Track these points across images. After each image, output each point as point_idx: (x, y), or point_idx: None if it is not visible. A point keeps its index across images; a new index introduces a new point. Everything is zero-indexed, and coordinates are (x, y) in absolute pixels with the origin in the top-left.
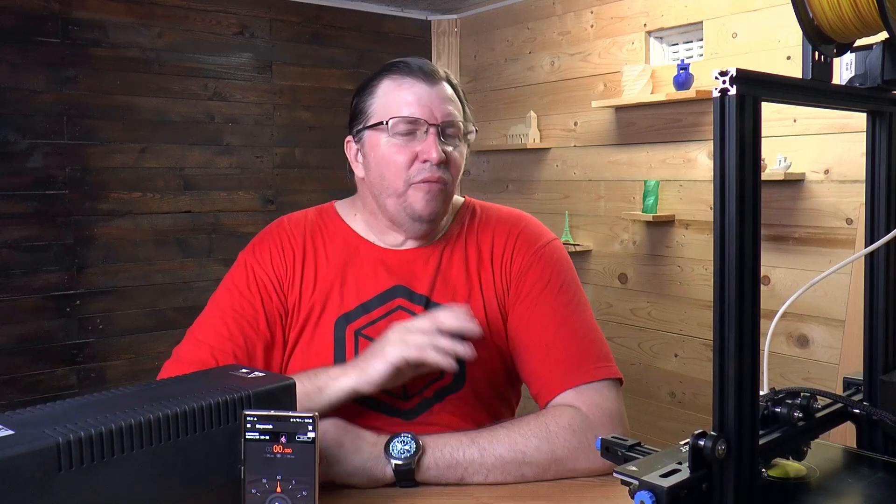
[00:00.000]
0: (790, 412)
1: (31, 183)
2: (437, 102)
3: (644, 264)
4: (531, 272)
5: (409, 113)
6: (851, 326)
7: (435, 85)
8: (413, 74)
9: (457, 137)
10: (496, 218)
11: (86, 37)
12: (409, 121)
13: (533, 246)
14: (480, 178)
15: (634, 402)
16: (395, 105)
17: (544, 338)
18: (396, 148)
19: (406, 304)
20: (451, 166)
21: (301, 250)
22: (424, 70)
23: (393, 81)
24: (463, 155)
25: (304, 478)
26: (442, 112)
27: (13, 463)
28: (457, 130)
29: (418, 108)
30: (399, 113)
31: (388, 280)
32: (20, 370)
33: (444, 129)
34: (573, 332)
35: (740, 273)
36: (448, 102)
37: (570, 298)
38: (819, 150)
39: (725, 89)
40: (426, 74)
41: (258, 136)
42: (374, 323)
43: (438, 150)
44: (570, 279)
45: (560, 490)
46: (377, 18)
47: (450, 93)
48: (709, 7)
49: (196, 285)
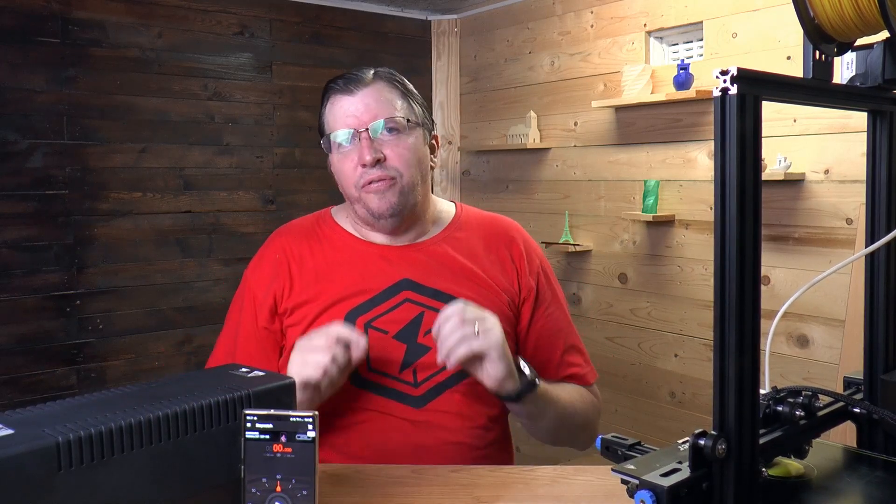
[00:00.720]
0: (792, 411)
1: (31, 183)
2: (362, 108)
3: (644, 264)
4: (546, 276)
5: (340, 127)
6: (851, 326)
7: (358, 92)
8: (340, 90)
9: (397, 131)
10: (492, 218)
11: (86, 37)
12: (341, 135)
13: (539, 251)
14: (480, 178)
15: (634, 402)
16: (332, 122)
17: (560, 339)
18: (342, 159)
19: (414, 297)
20: (393, 161)
21: (298, 257)
22: (350, 82)
23: (330, 101)
24: (411, 146)
25: (304, 477)
26: (368, 115)
27: (13, 462)
28: (396, 124)
29: (345, 120)
30: (335, 128)
31: (393, 274)
32: (20, 370)
33: (376, 129)
34: (578, 338)
35: (740, 273)
36: (375, 103)
37: (566, 306)
38: (819, 150)
39: (726, 88)
40: (351, 86)
41: (258, 136)
42: (384, 315)
43: (370, 151)
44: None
45: (560, 490)
46: (377, 18)
47: (383, 93)
48: (709, 7)
49: (196, 285)
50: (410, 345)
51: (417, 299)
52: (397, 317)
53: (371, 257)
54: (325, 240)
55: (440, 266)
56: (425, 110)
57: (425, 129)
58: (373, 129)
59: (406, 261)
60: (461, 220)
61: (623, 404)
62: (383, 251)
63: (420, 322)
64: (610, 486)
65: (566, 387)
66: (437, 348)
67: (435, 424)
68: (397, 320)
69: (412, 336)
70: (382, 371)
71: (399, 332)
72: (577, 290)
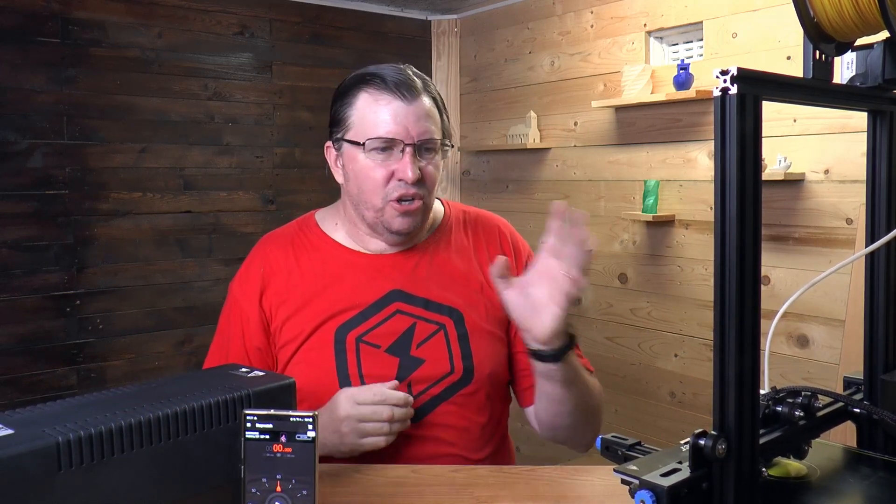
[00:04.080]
0: (791, 411)
1: (31, 183)
2: (413, 120)
3: (644, 264)
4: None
5: (386, 132)
6: (851, 326)
7: (412, 102)
8: (390, 91)
9: (433, 151)
10: (479, 215)
11: (86, 37)
12: (386, 140)
13: (527, 247)
14: (480, 178)
15: (634, 402)
16: (372, 122)
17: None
18: (373, 165)
19: (405, 308)
20: (426, 181)
21: (286, 270)
22: (402, 86)
23: (370, 96)
24: (439, 168)
25: (304, 477)
26: (418, 130)
27: (13, 463)
28: (434, 145)
29: (394, 128)
30: (376, 132)
31: (383, 285)
32: (20, 370)
33: (420, 147)
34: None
35: (740, 273)
36: (425, 119)
37: None
38: (819, 150)
39: (726, 88)
40: (404, 90)
41: (258, 136)
42: (375, 329)
43: (414, 169)
44: None
45: (560, 490)
46: (377, 18)
47: (427, 107)
48: (709, 7)
49: (196, 285)
50: (403, 358)
51: (408, 310)
52: (389, 329)
53: (360, 268)
54: (311, 250)
55: (431, 272)
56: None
57: (443, 153)
58: (420, 144)
59: (396, 269)
60: (450, 219)
61: (623, 404)
62: (372, 260)
63: (412, 334)
64: (610, 486)
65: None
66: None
67: (431, 438)
68: (389, 333)
69: (405, 349)
70: None
71: (391, 345)
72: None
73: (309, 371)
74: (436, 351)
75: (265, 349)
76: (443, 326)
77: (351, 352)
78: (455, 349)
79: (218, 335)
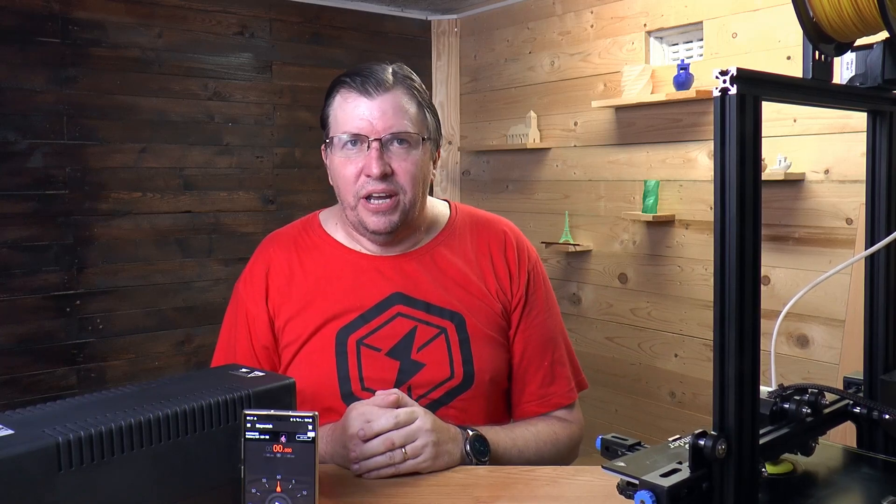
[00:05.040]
0: (799, 408)
1: (30, 183)
2: (379, 115)
3: (644, 264)
4: (536, 283)
5: (351, 129)
6: (851, 326)
7: (378, 97)
8: (357, 89)
9: (409, 145)
10: (486, 220)
11: (86, 37)
12: (352, 136)
13: (533, 255)
14: (480, 178)
15: (634, 402)
16: (342, 121)
17: (548, 350)
18: (344, 162)
19: (406, 311)
20: (399, 177)
21: (288, 270)
22: (368, 82)
23: (341, 96)
24: (419, 163)
25: (304, 477)
26: (385, 124)
27: (13, 463)
28: (408, 138)
29: (358, 123)
30: (344, 129)
31: (384, 288)
32: (20, 370)
33: (390, 141)
34: (568, 344)
35: (740, 273)
36: (394, 113)
37: (558, 309)
38: (819, 150)
39: (726, 88)
40: (370, 87)
41: (258, 136)
42: (376, 332)
43: (380, 164)
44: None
45: (560, 490)
46: (377, 18)
47: (399, 102)
48: (709, 7)
49: (196, 285)
50: (404, 362)
51: (410, 313)
52: (390, 332)
53: (362, 269)
54: (314, 250)
55: (433, 275)
56: (437, 119)
57: (434, 142)
58: (385, 139)
59: (398, 272)
60: (456, 223)
61: (623, 404)
62: (375, 262)
63: (413, 337)
64: (610, 486)
65: (531, 431)
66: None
67: None
68: (390, 336)
69: (405, 353)
70: (376, 390)
71: (392, 348)
72: (577, 290)
73: (310, 373)
74: (436, 355)
75: (272, 347)
76: (444, 330)
77: (352, 354)
78: (456, 354)
79: (224, 336)
